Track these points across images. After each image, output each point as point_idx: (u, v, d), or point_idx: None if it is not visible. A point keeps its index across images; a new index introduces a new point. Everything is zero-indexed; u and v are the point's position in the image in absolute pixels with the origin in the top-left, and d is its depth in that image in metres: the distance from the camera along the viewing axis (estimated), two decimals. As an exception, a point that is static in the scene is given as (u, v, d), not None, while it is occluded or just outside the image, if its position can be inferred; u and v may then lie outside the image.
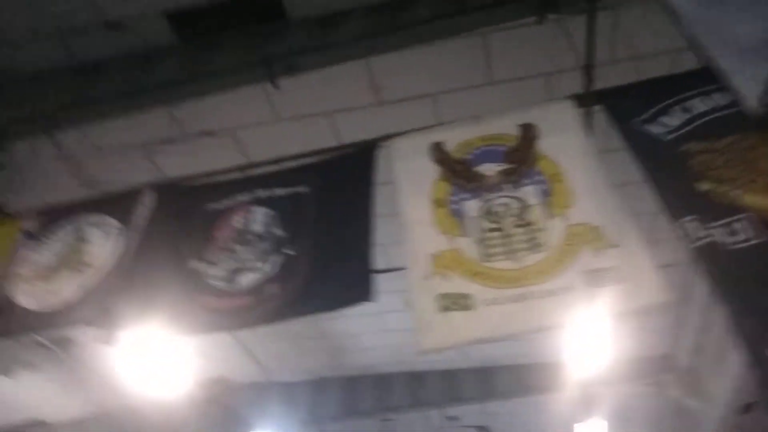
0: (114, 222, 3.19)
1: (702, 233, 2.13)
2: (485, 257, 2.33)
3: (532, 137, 2.67)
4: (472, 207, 2.52)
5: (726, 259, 2.04)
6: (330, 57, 3.74)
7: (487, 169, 2.64)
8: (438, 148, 2.78)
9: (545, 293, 2.17)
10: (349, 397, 7.97)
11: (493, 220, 2.45)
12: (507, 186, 2.54)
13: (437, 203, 2.58)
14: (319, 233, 2.77)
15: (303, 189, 2.97)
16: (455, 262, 2.35)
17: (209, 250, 2.86)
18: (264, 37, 3.75)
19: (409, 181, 2.72)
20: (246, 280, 2.69)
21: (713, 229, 2.12)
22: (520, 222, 2.40)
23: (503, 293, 2.21)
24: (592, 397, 7.36)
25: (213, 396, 7.06)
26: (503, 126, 2.76)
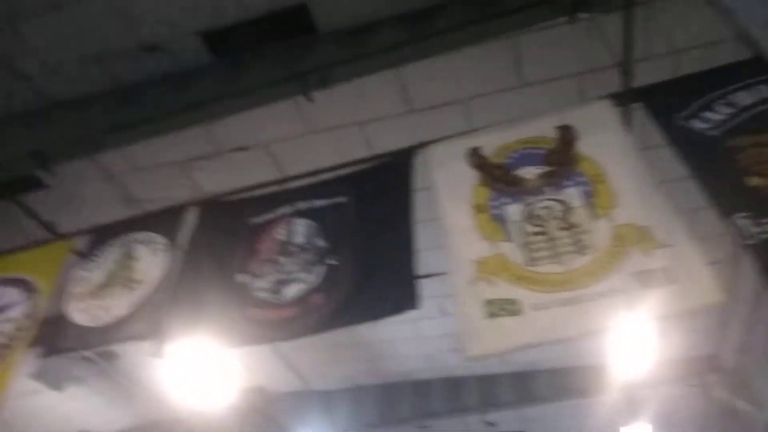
0: (160, 238, 3.29)
1: (755, 229, 2.08)
2: (531, 261, 2.32)
3: (570, 139, 2.65)
4: (513, 211, 2.51)
5: None
6: (361, 68, 3.79)
7: (527, 173, 2.62)
8: (475, 153, 2.78)
9: (595, 296, 2.14)
10: (387, 405, 7.97)
11: (537, 223, 2.43)
12: (548, 189, 2.52)
13: (478, 209, 2.58)
14: (361, 242, 2.80)
15: (342, 199, 3.01)
16: (500, 267, 2.34)
17: (253, 262, 2.92)
18: (296, 52, 3.83)
19: (448, 188, 2.72)
20: (291, 291, 2.73)
21: (767, 225, 2.08)
22: (564, 225, 2.38)
23: (551, 297, 2.19)
24: (634, 400, 7.19)
25: (254, 406, 7.15)
26: (540, 128, 2.75)
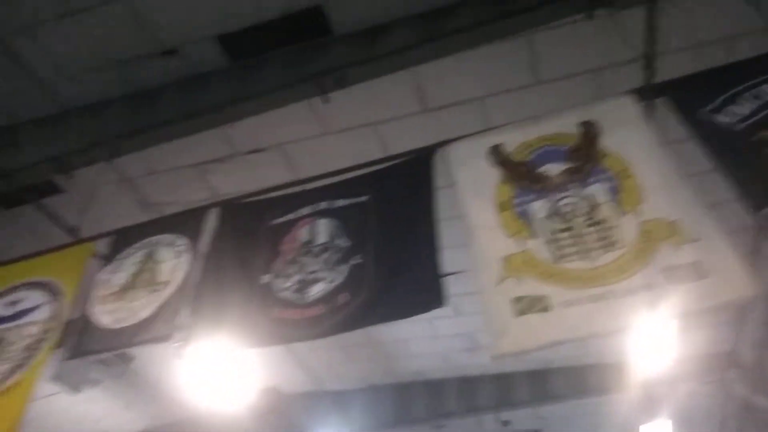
0: (182, 240, 3.30)
1: (785, 223, 2.06)
2: (558, 258, 2.31)
3: (594, 134, 2.64)
4: (538, 208, 2.51)
5: None
6: (376, 69, 3.80)
7: (551, 170, 2.61)
8: (497, 150, 2.78)
9: (625, 292, 2.13)
10: (402, 404, 7.97)
11: (563, 220, 2.42)
12: (573, 185, 2.51)
13: (502, 206, 2.58)
14: (384, 241, 2.80)
15: (364, 198, 3.02)
16: (527, 264, 2.33)
17: (277, 263, 2.93)
18: (311, 53, 3.84)
19: (471, 186, 2.72)
20: (315, 290, 2.74)
21: (796, 218, 2.06)
22: (590, 221, 2.37)
23: (581, 294, 2.18)
24: (653, 398, 7.14)
25: (269, 406, 7.17)
26: (562, 125, 2.74)
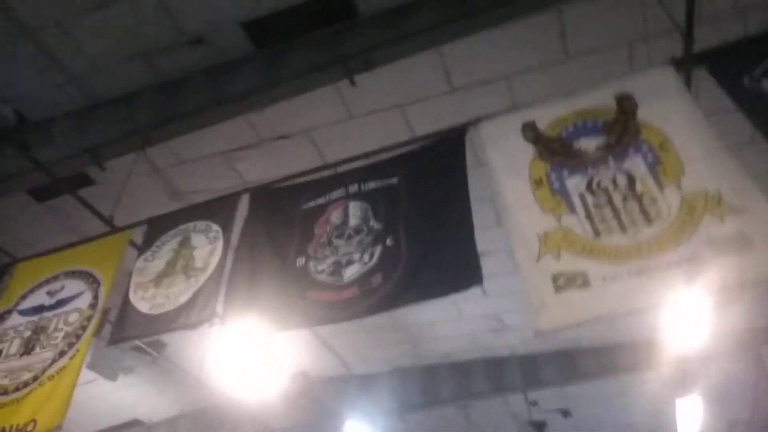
0: (215, 227, 3.35)
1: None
2: (597, 233, 2.29)
3: (631, 107, 2.58)
4: (575, 184, 2.48)
5: None
6: (403, 49, 3.76)
7: (587, 144, 2.58)
8: (531, 127, 2.74)
9: (668, 265, 2.10)
10: (429, 386, 8.03)
11: (600, 195, 2.39)
12: (611, 159, 2.48)
13: (537, 183, 2.55)
14: (416, 222, 2.80)
15: (394, 180, 3.02)
16: (566, 240, 2.31)
17: (311, 246, 2.95)
18: (338, 36, 3.82)
19: (505, 164, 2.69)
20: (350, 272, 2.76)
21: None
22: (629, 195, 2.34)
23: (622, 268, 2.16)
24: (684, 375, 7.07)
25: (299, 390, 7.29)
26: (598, 98, 2.69)
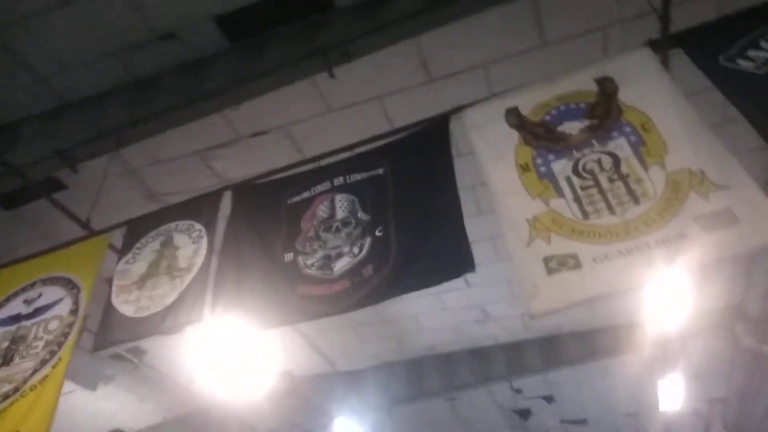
0: (198, 226, 3.27)
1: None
2: (586, 215, 2.31)
3: (612, 90, 2.62)
4: (561, 167, 2.50)
5: None
6: (381, 40, 3.73)
7: (570, 128, 2.60)
8: (514, 113, 2.75)
9: (657, 243, 2.13)
10: (416, 380, 8.05)
11: (587, 177, 2.42)
12: (595, 142, 2.50)
13: (524, 168, 2.56)
14: (404, 211, 2.78)
15: (380, 171, 2.99)
16: (555, 223, 2.33)
17: (299, 241, 2.91)
18: (313, 29, 3.77)
19: (490, 150, 2.70)
20: (340, 265, 2.73)
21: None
22: (615, 176, 2.37)
23: (612, 248, 2.18)
24: (664, 355, 7.25)
25: (285, 390, 7.22)
26: (579, 82, 2.72)
